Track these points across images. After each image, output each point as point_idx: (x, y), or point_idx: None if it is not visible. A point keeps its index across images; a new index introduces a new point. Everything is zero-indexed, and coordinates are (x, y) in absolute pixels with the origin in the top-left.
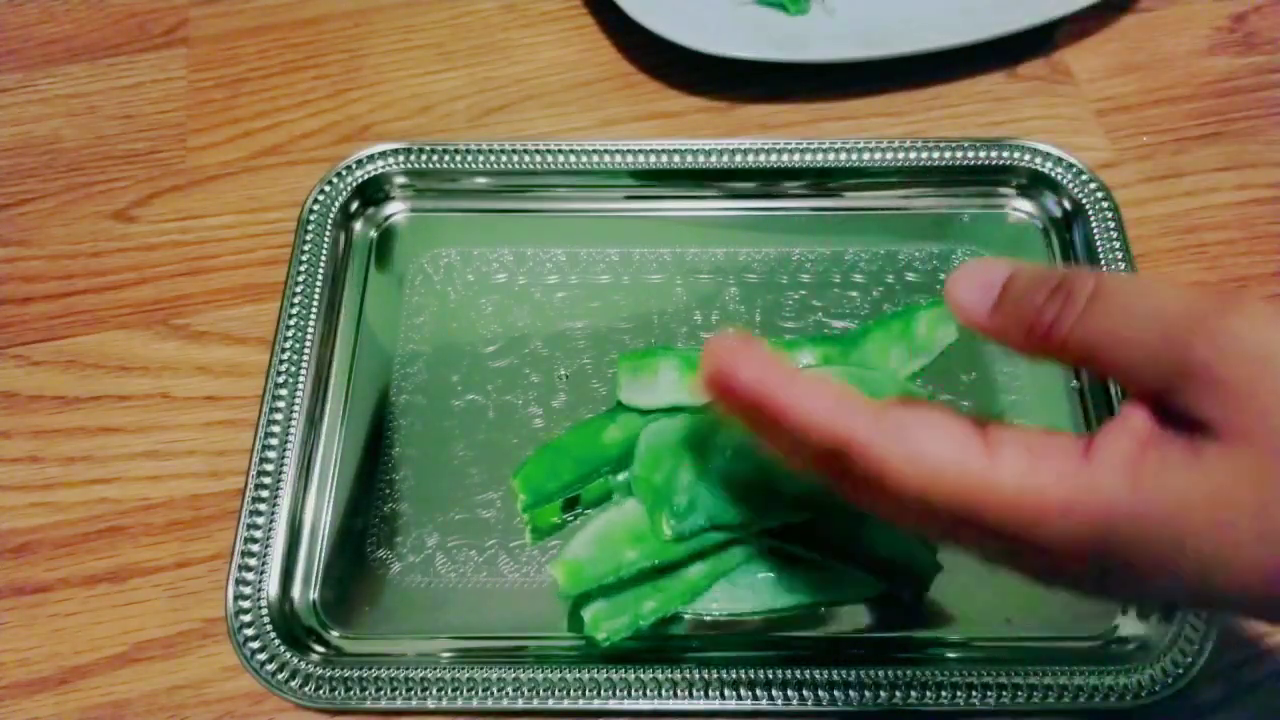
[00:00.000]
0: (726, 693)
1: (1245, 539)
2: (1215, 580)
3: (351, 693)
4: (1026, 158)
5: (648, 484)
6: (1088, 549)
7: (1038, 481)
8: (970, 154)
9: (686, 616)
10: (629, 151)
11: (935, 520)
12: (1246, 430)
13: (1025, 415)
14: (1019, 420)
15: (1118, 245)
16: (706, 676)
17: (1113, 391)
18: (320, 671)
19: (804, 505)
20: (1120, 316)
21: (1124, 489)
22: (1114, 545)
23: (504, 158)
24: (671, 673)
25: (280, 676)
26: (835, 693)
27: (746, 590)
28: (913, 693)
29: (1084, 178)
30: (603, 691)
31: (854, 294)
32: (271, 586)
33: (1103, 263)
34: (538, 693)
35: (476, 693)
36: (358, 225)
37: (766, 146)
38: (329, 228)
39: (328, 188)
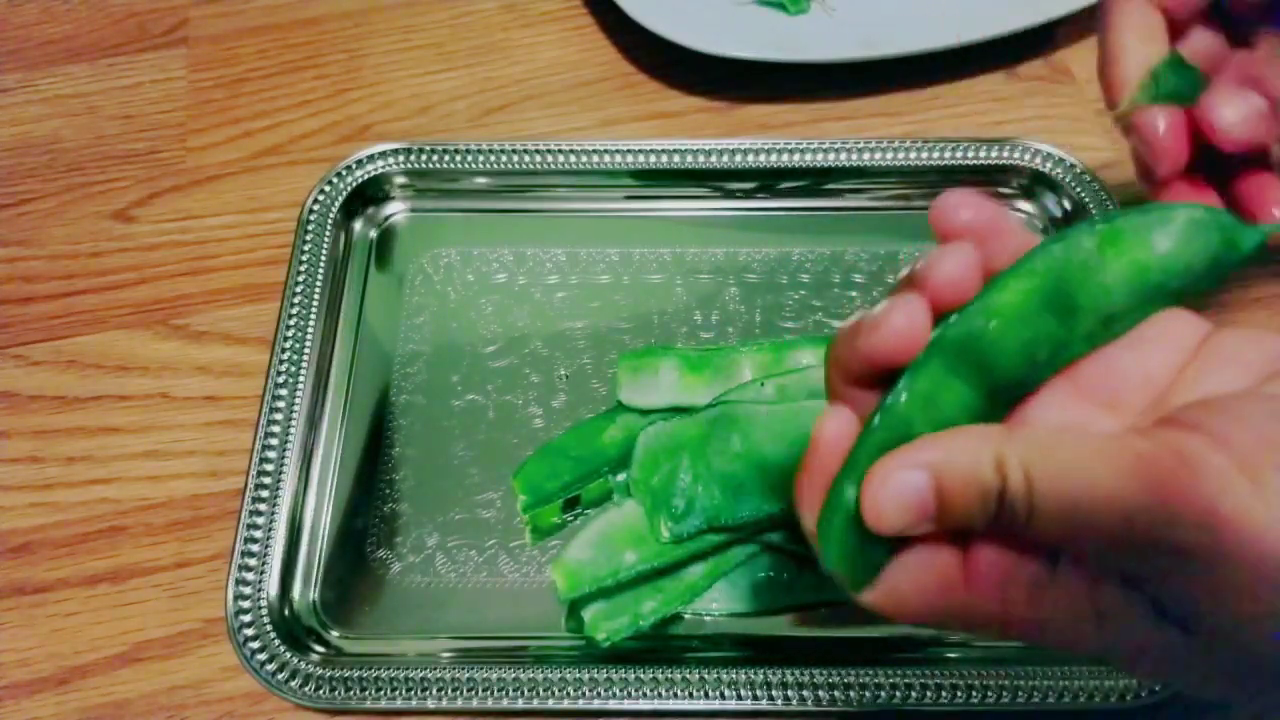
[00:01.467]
0: (726, 693)
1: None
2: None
3: (351, 693)
4: (1026, 158)
5: (646, 486)
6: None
7: (1012, 605)
8: (970, 154)
9: (686, 616)
10: (629, 151)
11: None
12: (1199, 622)
13: None
14: None
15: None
16: (706, 676)
17: None
18: (320, 671)
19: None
20: (1066, 523)
21: (1093, 631)
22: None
23: (504, 158)
24: (671, 673)
25: (280, 676)
26: (835, 693)
27: (746, 590)
28: (913, 693)
29: (1084, 178)
30: (603, 691)
31: (854, 294)
32: (271, 586)
33: None
34: (538, 693)
35: (476, 693)
36: (358, 225)
37: (766, 146)
38: (329, 228)
39: (328, 188)
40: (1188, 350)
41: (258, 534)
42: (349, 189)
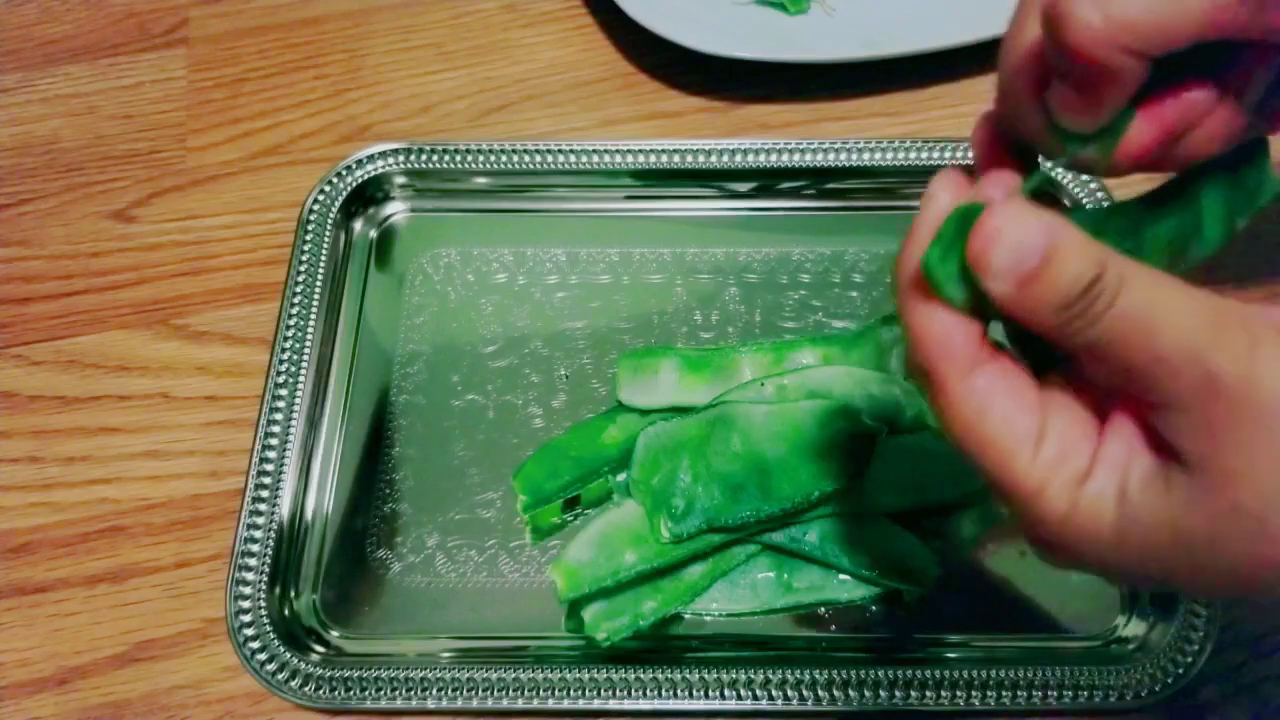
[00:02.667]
0: (726, 693)
1: (1200, 565)
2: (1186, 588)
3: (351, 693)
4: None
5: (646, 486)
6: (1076, 555)
7: (1050, 490)
8: (970, 154)
9: (686, 616)
10: (629, 151)
11: (973, 465)
12: (1209, 466)
13: None
14: None
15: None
16: (706, 676)
17: None
18: (320, 671)
19: (802, 507)
20: (1130, 332)
21: (1108, 515)
22: (1099, 556)
23: (504, 158)
24: (671, 673)
25: (280, 676)
26: (835, 693)
27: (746, 590)
28: (913, 693)
29: (1084, 178)
30: (603, 691)
31: (854, 294)
32: (271, 586)
33: None
34: (538, 693)
35: (476, 693)
36: (358, 225)
37: (766, 146)
38: (329, 228)
39: (328, 188)
40: None
41: (258, 534)
42: (349, 189)
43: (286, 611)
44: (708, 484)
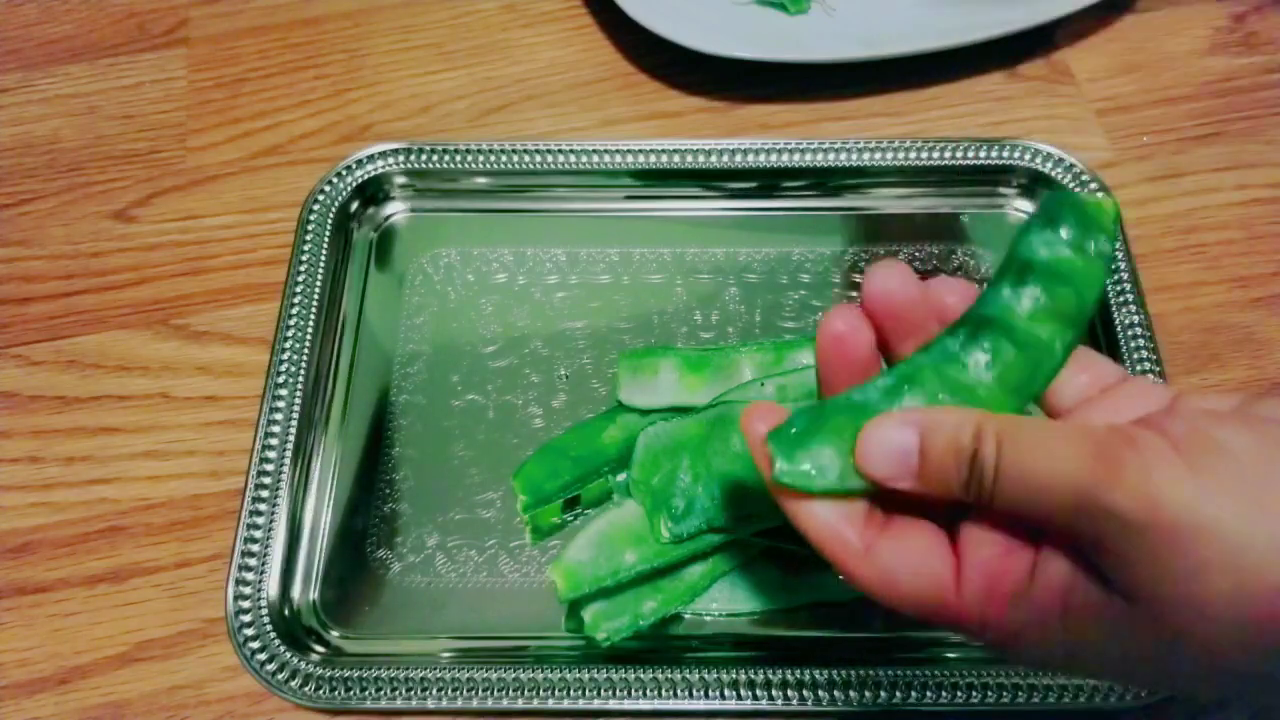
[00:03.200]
0: (726, 693)
1: (1155, 670)
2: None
3: (351, 693)
4: (1026, 158)
5: (646, 486)
6: (1041, 657)
7: (992, 614)
8: (970, 154)
9: (686, 616)
10: (629, 151)
11: (909, 613)
12: (1133, 592)
13: None
14: None
15: (1118, 245)
16: (706, 676)
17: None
18: (320, 671)
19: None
20: (1022, 488)
21: (1055, 633)
22: (1062, 657)
23: (504, 158)
24: (671, 673)
25: (280, 676)
26: (835, 693)
27: (746, 590)
28: (913, 693)
29: (1084, 178)
30: (603, 691)
31: (854, 294)
32: (271, 586)
33: None
34: (538, 693)
35: (476, 693)
36: (358, 225)
37: (766, 146)
38: (329, 228)
39: (328, 188)
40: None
41: (258, 534)
42: (349, 189)
43: (286, 611)
44: (708, 484)
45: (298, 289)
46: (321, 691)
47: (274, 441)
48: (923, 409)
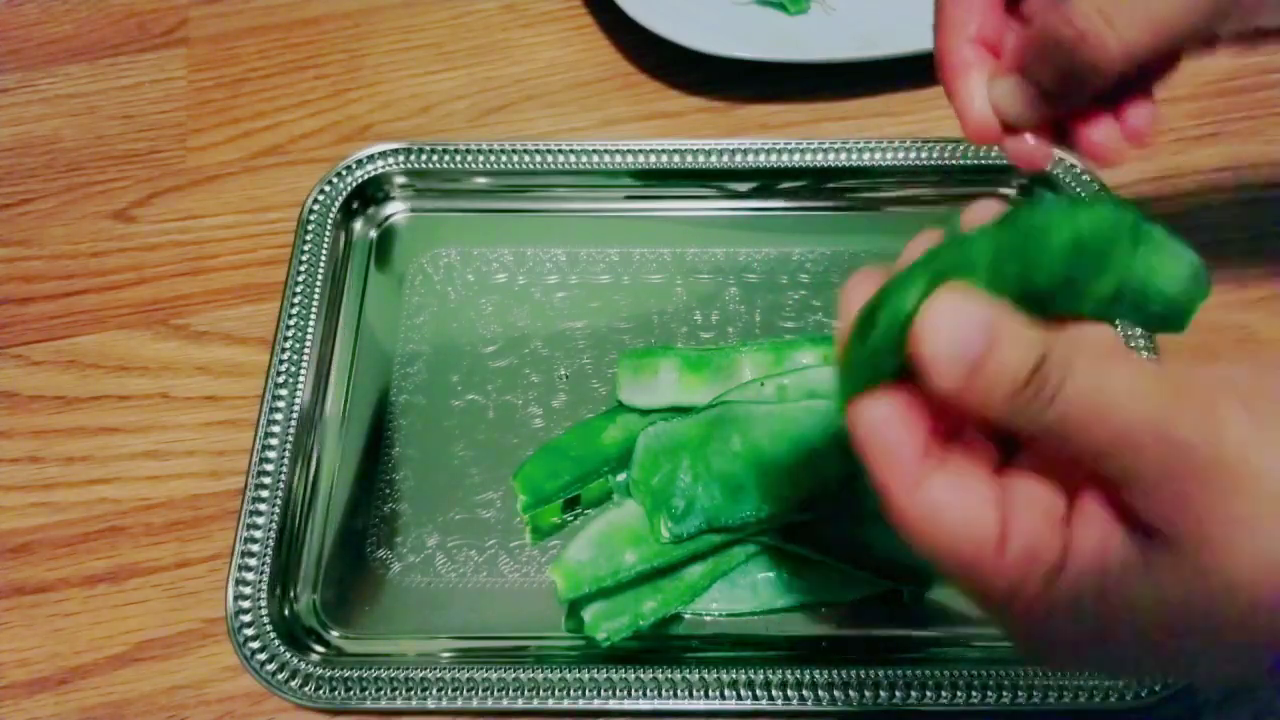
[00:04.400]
0: (726, 693)
1: (1193, 637)
2: (1188, 670)
3: (351, 693)
4: None
5: (646, 486)
6: (1063, 654)
7: (1024, 592)
8: (970, 154)
9: (686, 616)
10: (629, 151)
11: (940, 565)
12: (1180, 535)
13: None
14: None
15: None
16: (706, 676)
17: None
18: (320, 671)
19: (803, 506)
20: (1082, 414)
21: (1089, 606)
22: (1087, 650)
23: (504, 158)
24: (671, 673)
25: (280, 676)
26: (835, 693)
27: (746, 590)
28: (913, 693)
29: (1084, 178)
30: (603, 691)
31: None
32: (271, 586)
33: None
34: (538, 693)
35: (476, 693)
36: (358, 225)
37: (766, 146)
38: (329, 228)
39: (328, 188)
40: None
41: (258, 534)
42: (349, 189)
43: (286, 611)
44: (708, 484)
45: (298, 289)
46: (321, 691)
47: (274, 441)
48: (999, 307)
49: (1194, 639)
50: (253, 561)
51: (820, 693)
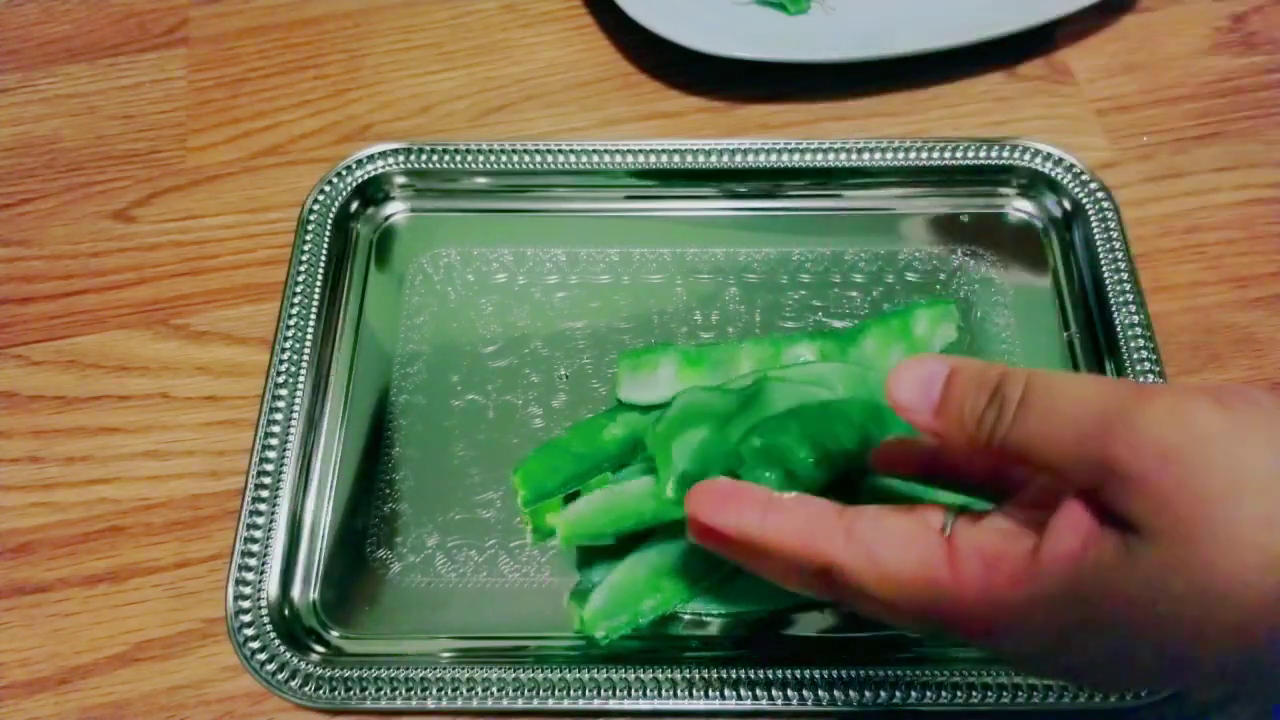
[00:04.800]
0: (726, 693)
1: (1180, 626)
2: (1161, 664)
3: (351, 693)
4: (1026, 158)
5: (665, 441)
6: (1043, 644)
7: (995, 590)
8: (970, 154)
9: (686, 616)
10: (629, 151)
11: (913, 621)
12: (1162, 526)
13: (1017, 364)
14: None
15: (1118, 245)
16: (706, 676)
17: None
18: (320, 671)
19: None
20: (1044, 421)
21: (1068, 593)
22: (1066, 641)
23: (504, 158)
24: (671, 673)
25: (280, 676)
26: (835, 693)
27: (746, 590)
28: (913, 693)
29: (1084, 178)
30: (603, 691)
31: (854, 294)
32: (271, 586)
33: (1103, 263)
34: (538, 693)
35: (476, 693)
36: (358, 225)
37: (766, 146)
38: (329, 228)
39: (328, 188)
40: None
41: (258, 534)
42: (349, 189)
43: (286, 611)
44: (721, 457)
45: (298, 289)
46: (321, 691)
47: (274, 441)
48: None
49: (1177, 633)
50: (253, 561)
51: (820, 693)
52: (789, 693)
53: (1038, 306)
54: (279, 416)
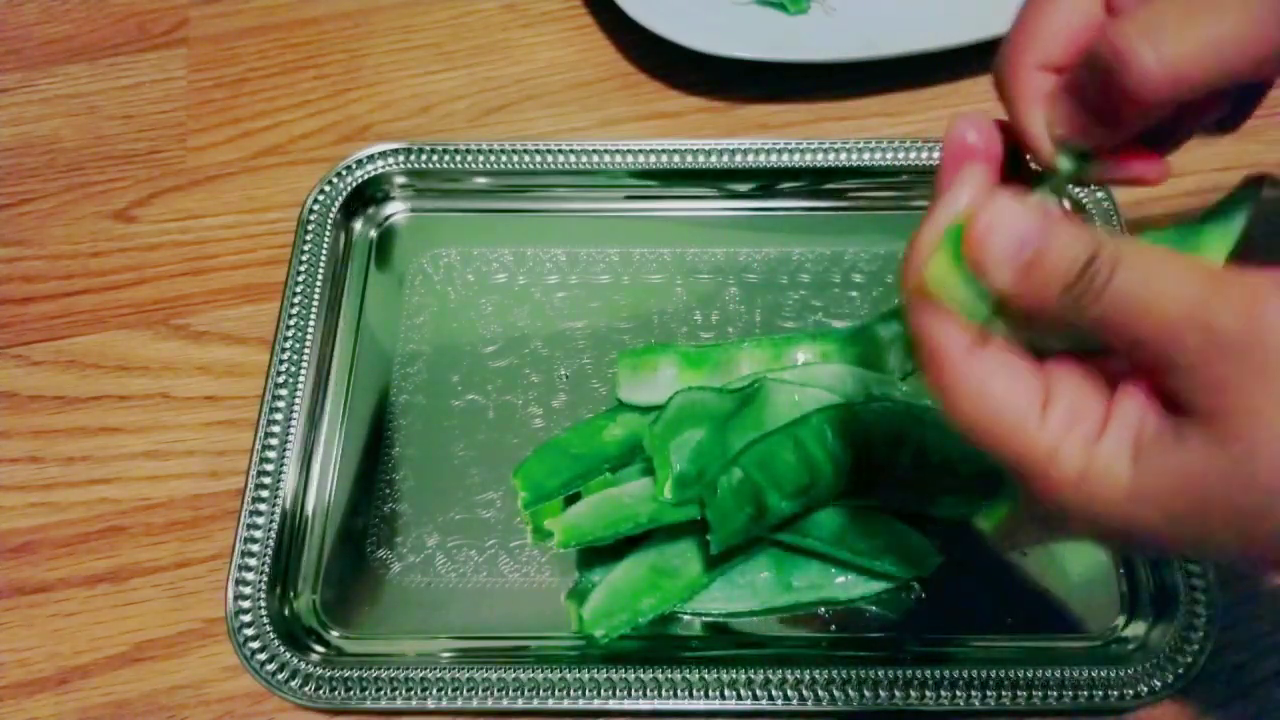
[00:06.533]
0: (726, 693)
1: (1221, 519)
2: (1203, 547)
3: (351, 693)
4: (1026, 157)
5: (663, 443)
6: (1091, 517)
7: (1063, 452)
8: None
9: (686, 616)
10: (629, 151)
11: (984, 447)
12: (1221, 415)
13: None
14: None
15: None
16: (706, 676)
17: None
18: (320, 671)
19: (804, 496)
20: (1131, 299)
21: (1124, 470)
22: (1114, 515)
23: (504, 158)
24: (671, 673)
25: (280, 676)
26: (835, 692)
27: (746, 589)
28: (913, 693)
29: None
30: (603, 691)
31: (854, 294)
32: (271, 586)
33: None
34: (538, 693)
35: (476, 693)
36: (358, 225)
37: (766, 146)
38: (329, 228)
39: (328, 188)
40: None
41: (258, 534)
42: (349, 189)
43: (286, 611)
44: (719, 458)
45: (298, 289)
46: (321, 691)
47: (274, 441)
48: (1048, 207)
49: (1213, 505)
50: (253, 561)
51: (820, 693)
52: (789, 693)
53: None
54: (279, 416)
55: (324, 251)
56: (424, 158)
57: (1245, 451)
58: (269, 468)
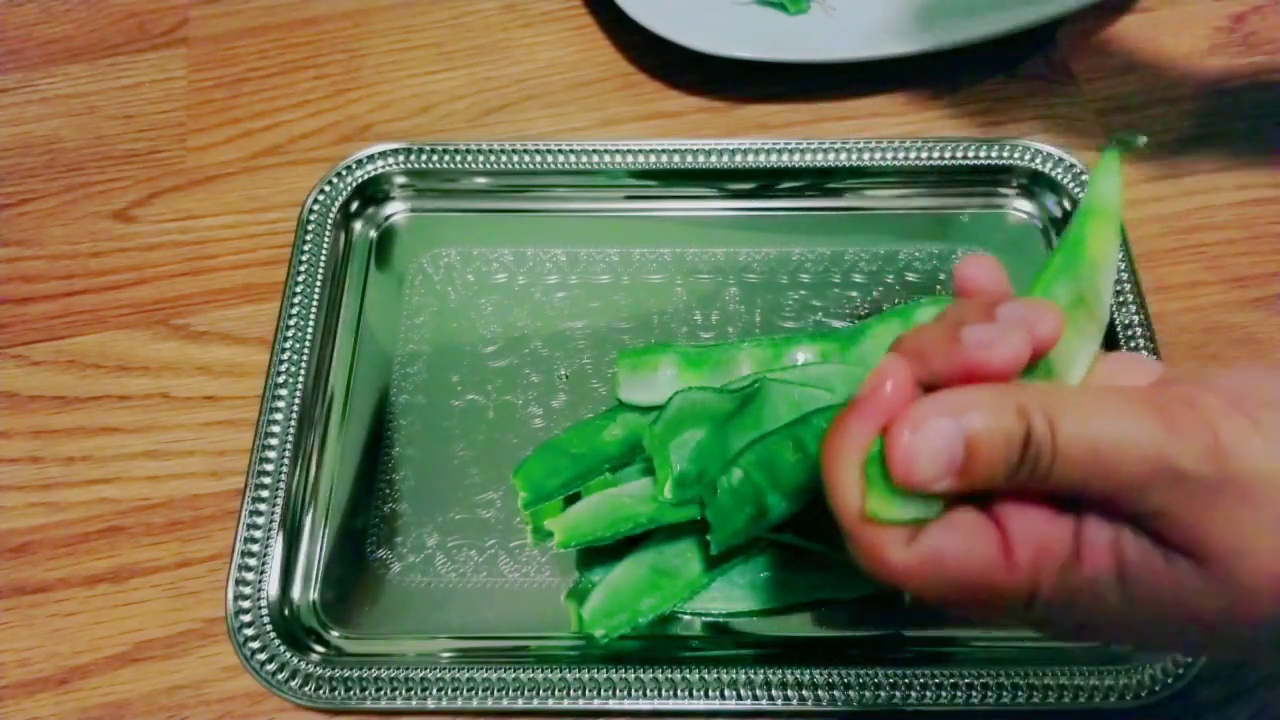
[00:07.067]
0: (726, 693)
1: (1226, 642)
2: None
3: (351, 693)
4: (1026, 158)
5: (663, 443)
6: (1088, 635)
7: (1045, 586)
8: (970, 154)
9: (686, 616)
10: (629, 151)
11: (964, 609)
12: (1212, 560)
13: None
14: None
15: (1118, 245)
16: (706, 676)
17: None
18: (320, 671)
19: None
20: (1085, 464)
21: (1113, 590)
22: (1108, 634)
23: (504, 158)
24: (671, 673)
25: (280, 676)
26: (835, 693)
27: (746, 590)
28: (913, 693)
29: (1084, 178)
30: (603, 691)
31: (854, 294)
32: (271, 586)
33: None
34: (538, 693)
35: (476, 693)
36: (358, 225)
37: (766, 146)
38: (329, 228)
39: (328, 188)
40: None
41: (258, 534)
42: (349, 189)
43: (286, 611)
44: (720, 459)
45: (298, 289)
46: (321, 691)
47: (274, 441)
48: (950, 394)
49: (1220, 637)
50: (253, 561)
51: (820, 693)
52: (789, 693)
53: None
54: (279, 416)
55: (324, 251)
56: (424, 158)
57: (1244, 588)
58: (269, 468)
